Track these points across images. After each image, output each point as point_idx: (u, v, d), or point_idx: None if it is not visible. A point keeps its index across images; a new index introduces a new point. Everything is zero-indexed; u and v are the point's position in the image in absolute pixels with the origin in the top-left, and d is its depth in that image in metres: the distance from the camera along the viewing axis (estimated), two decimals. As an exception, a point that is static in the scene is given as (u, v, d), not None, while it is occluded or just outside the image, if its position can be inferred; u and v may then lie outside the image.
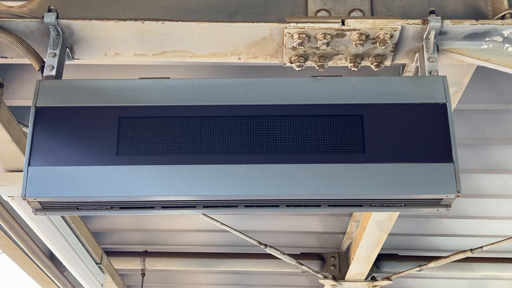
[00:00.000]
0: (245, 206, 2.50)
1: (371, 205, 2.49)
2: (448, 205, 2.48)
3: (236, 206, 2.50)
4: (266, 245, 5.38)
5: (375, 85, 2.56)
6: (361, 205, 2.50)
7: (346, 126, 2.47)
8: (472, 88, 3.80)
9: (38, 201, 2.41)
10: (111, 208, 2.49)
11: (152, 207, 2.50)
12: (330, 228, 6.02)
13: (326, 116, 2.49)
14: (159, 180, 2.40)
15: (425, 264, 5.57)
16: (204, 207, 2.50)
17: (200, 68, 3.79)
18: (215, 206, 2.50)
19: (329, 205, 2.50)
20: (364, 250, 5.34)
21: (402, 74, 3.28)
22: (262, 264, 6.28)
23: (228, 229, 5.11)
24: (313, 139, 2.46)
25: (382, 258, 6.04)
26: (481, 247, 5.12)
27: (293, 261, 5.57)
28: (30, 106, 2.52)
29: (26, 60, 2.73)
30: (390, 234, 5.05)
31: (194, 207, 2.50)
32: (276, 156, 2.44)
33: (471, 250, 5.16)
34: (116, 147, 2.45)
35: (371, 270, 5.92)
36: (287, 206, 2.50)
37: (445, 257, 5.38)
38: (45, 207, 2.47)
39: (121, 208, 2.49)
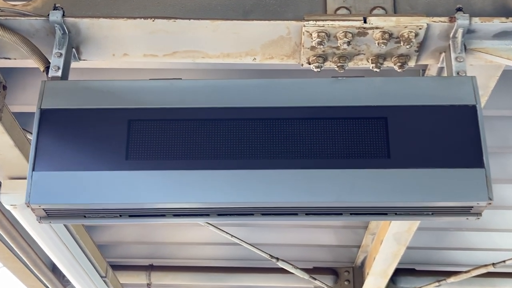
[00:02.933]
0: (262, 214, 2.34)
1: (396, 213, 2.33)
2: (478, 214, 2.32)
3: (252, 214, 2.35)
4: (277, 259, 5.21)
5: (400, 86, 2.41)
6: (386, 214, 2.34)
7: (369, 130, 2.32)
8: (496, 93, 3.64)
9: (43, 208, 2.28)
10: (120, 216, 2.35)
11: (163, 215, 2.36)
12: (344, 241, 5.85)
13: (348, 119, 2.34)
14: (171, 186, 2.26)
15: (444, 279, 5.40)
16: (218, 215, 2.35)
17: (212, 72, 3.65)
18: (230, 214, 2.35)
19: (351, 213, 2.34)
20: (380, 264, 5.17)
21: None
22: (273, 278, 6.11)
23: (238, 241, 4.96)
24: (334, 143, 2.31)
25: (399, 273, 5.84)
26: (504, 261, 4.93)
27: (305, 276, 5.41)
28: (33, 112, 2.40)
29: (29, 64, 2.60)
30: (407, 248, 4.88)
31: (208, 215, 2.36)
32: (295, 161, 2.29)
33: (493, 264, 4.99)
34: (126, 151, 2.31)
35: (387, 286, 5.74)
36: (306, 214, 2.34)
37: (465, 272, 5.21)
38: (50, 215, 2.33)
39: (130, 216, 2.35)
